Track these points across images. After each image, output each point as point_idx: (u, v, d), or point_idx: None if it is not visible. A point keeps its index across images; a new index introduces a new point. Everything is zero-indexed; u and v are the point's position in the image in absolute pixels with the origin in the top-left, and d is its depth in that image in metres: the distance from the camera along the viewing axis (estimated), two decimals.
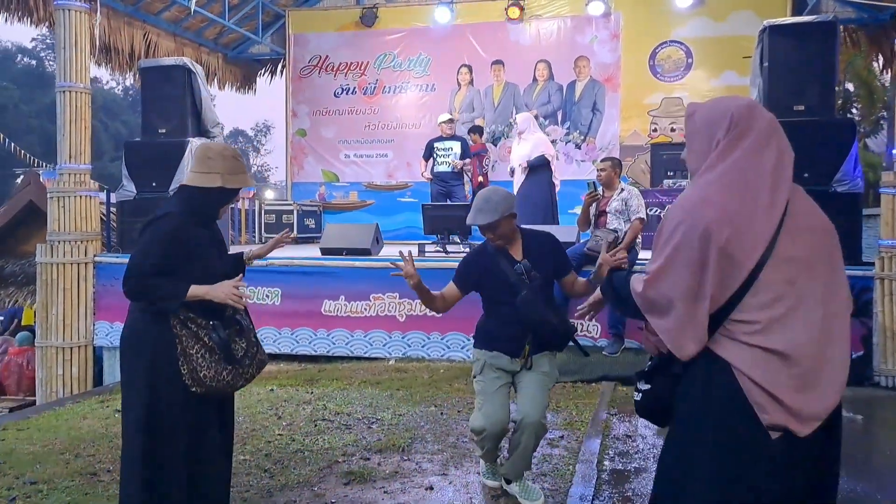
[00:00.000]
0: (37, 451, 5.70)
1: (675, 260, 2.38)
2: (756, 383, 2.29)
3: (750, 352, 2.32)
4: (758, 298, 2.31)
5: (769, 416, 2.28)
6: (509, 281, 4.30)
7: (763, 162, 2.39)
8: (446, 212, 9.90)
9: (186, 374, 3.53)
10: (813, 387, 2.30)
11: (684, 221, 2.38)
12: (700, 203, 2.38)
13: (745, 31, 12.42)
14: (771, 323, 2.30)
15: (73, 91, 9.42)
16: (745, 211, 2.34)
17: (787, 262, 2.33)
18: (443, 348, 8.41)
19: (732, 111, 2.44)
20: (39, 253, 9.35)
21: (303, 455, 5.37)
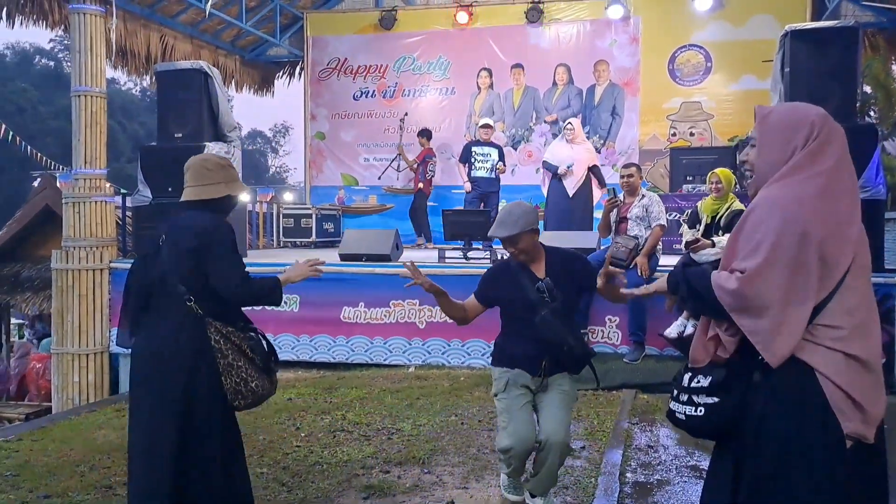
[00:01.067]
0: (51, 462, 5.61)
1: (774, 260, 2.34)
2: (841, 389, 2.31)
3: (835, 357, 2.33)
4: (843, 302, 2.35)
5: (851, 423, 2.32)
6: (529, 299, 4.21)
7: (846, 171, 2.49)
8: (467, 217, 9.79)
9: (230, 387, 3.53)
10: (879, 393, 2.39)
11: (779, 220, 2.37)
12: (795, 203, 2.38)
13: (765, 36, 12.33)
14: (854, 329, 2.34)
15: (88, 95, 9.38)
16: (838, 216, 2.39)
17: (862, 268, 2.42)
18: (463, 355, 8.31)
19: (813, 119, 2.48)
20: (55, 259, 9.31)
21: (321, 468, 5.27)
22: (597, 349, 7.85)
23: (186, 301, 3.49)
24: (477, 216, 9.67)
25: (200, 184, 3.63)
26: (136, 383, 3.64)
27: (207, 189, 3.62)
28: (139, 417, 3.60)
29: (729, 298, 2.40)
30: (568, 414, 4.32)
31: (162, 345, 3.51)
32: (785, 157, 2.48)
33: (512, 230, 4.19)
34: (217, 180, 3.65)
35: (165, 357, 3.50)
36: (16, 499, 4.88)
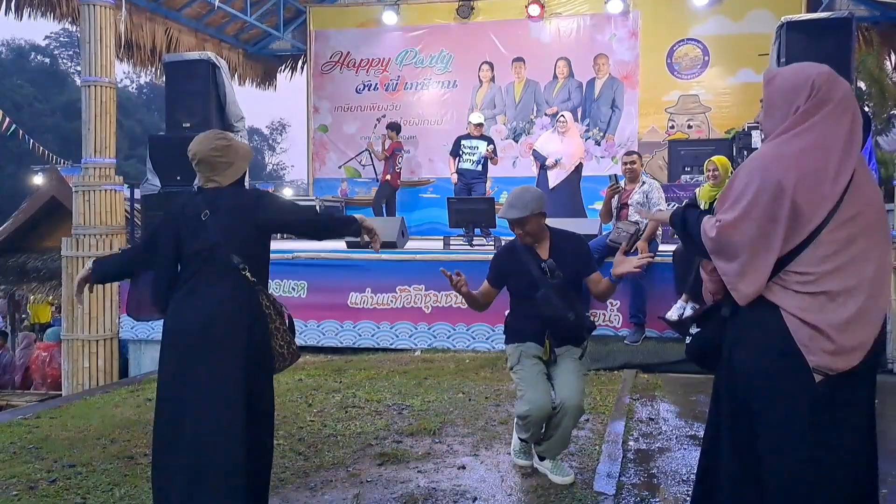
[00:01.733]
0: (72, 436, 5.78)
1: (748, 212, 2.53)
2: (804, 322, 2.47)
3: (801, 297, 2.50)
4: (816, 252, 2.48)
5: (815, 357, 2.46)
6: (532, 277, 4.45)
7: (839, 129, 2.54)
8: (471, 205, 9.96)
9: (276, 350, 3.71)
10: (856, 325, 2.46)
11: (760, 176, 2.54)
12: (775, 159, 2.55)
13: (762, 30, 12.50)
14: (824, 275, 2.48)
15: (98, 85, 9.53)
16: (817, 172, 2.49)
17: (847, 222, 2.48)
18: (468, 339, 8.47)
19: (814, 78, 2.57)
20: (65, 247, 9.45)
21: (335, 439, 5.44)
22: (598, 332, 8.01)
23: (241, 270, 3.58)
24: (481, 203, 9.84)
25: (222, 172, 3.71)
26: (182, 353, 3.57)
27: (228, 174, 3.73)
28: (195, 386, 3.53)
29: (709, 243, 2.67)
30: (581, 381, 4.52)
31: (219, 311, 3.57)
32: (787, 117, 2.61)
33: (522, 212, 4.40)
34: (232, 159, 3.74)
35: (225, 321, 3.56)
36: (42, 468, 5.04)
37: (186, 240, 3.65)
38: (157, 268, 3.75)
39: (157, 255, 3.75)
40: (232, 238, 3.60)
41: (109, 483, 4.72)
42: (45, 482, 4.77)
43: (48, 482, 4.77)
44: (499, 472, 4.71)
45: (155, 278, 3.76)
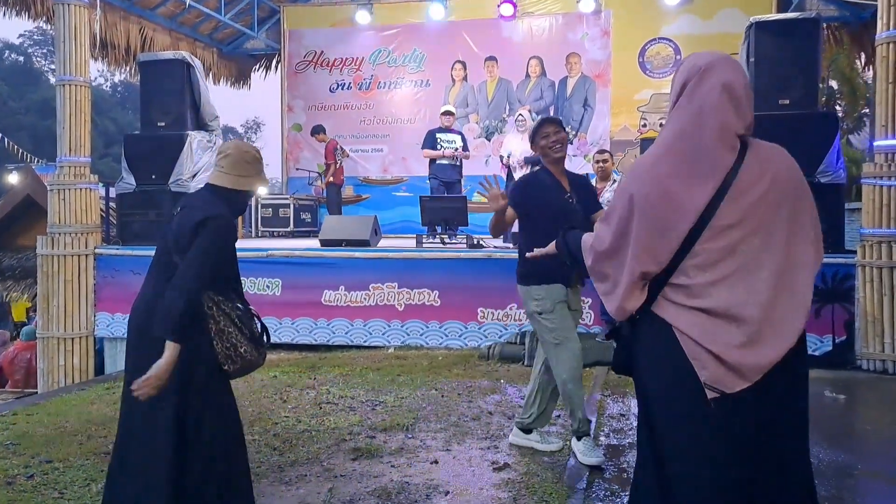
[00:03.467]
0: (49, 433, 5.83)
1: (610, 226, 2.43)
2: (695, 341, 2.29)
3: (688, 313, 2.32)
4: (694, 262, 2.30)
5: (707, 371, 2.27)
6: (562, 204, 4.62)
7: (708, 125, 2.32)
8: (444, 203, 10.06)
9: (221, 352, 3.59)
10: (755, 343, 2.25)
11: (622, 187, 2.45)
12: (638, 168, 2.43)
13: (732, 29, 12.64)
14: (706, 286, 2.29)
15: (73, 84, 9.54)
16: (680, 178, 2.31)
17: (728, 228, 2.29)
18: (441, 336, 8.58)
19: (688, 70, 2.40)
20: (40, 245, 9.47)
21: (310, 434, 5.53)
22: None
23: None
24: (454, 202, 9.95)
25: (235, 173, 3.71)
26: (129, 351, 3.72)
27: (239, 180, 3.73)
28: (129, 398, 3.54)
29: (587, 268, 2.60)
30: None
31: (145, 310, 3.59)
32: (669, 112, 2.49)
33: (558, 118, 4.98)
34: (249, 173, 3.75)
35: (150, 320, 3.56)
36: (19, 464, 5.10)
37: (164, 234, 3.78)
38: None
39: None
40: (179, 239, 3.59)
41: (86, 479, 4.78)
42: (23, 478, 4.83)
43: (25, 478, 4.83)
44: (471, 466, 4.82)
45: None
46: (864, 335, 7.70)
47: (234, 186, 3.74)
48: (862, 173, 8.12)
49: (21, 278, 12.63)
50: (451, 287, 8.60)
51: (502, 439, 5.35)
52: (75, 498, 4.50)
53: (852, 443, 5.46)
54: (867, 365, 7.71)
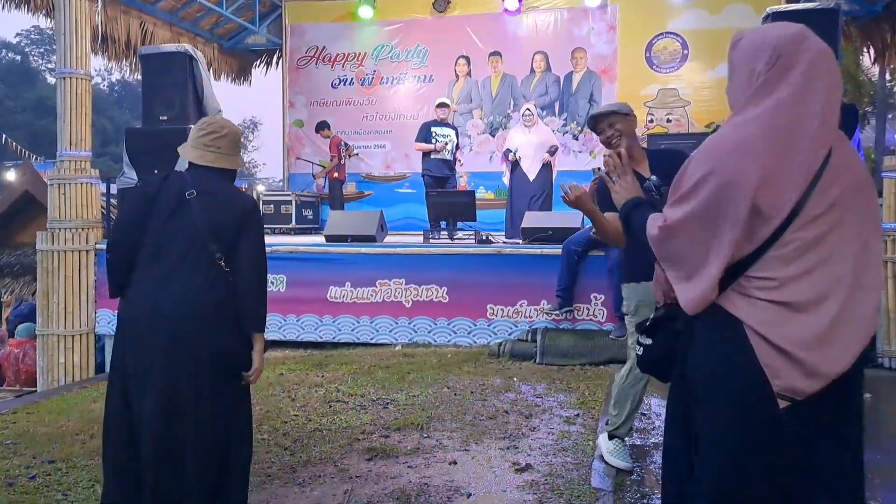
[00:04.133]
0: (50, 432, 5.66)
1: (699, 213, 2.16)
2: (770, 343, 2.10)
3: (765, 309, 2.12)
4: (780, 254, 2.11)
5: (781, 380, 2.09)
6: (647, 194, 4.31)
7: (809, 104, 2.14)
8: (451, 198, 9.89)
9: None
10: (833, 344, 2.09)
11: (715, 171, 2.14)
12: (733, 150, 2.14)
13: (741, 23, 12.50)
14: (790, 280, 2.10)
15: (73, 77, 9.34)
16: (782, 161, 2.10)
17: (818, 219, 2.11)
18: (449, 333, 8.39)
19: (776, 41, 2.18)
20: (40, 240, 9.28)
21: (321, 434, 5.35)
22: (582, 327, 8.03)
23: (218, 260, 3.45)
24: (461, 196, 9.78)
25: (234, 153, 3.66)
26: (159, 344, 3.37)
27: (236, 160, 3.67)
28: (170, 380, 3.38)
29: (654, 246, 2.34)
30: None
31: (203, 300, 3.42)
32: (748, 88, 2.22)
33: (608, 109, 4.42)
34: (238, 152, 3.72)
35: (211, 311, 3.43)
36: (20, 464, 4.93)
37: (160, 216, 3.49)
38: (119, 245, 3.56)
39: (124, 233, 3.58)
40: (214, 223, 3.47)
41: (90, 479, 4.60)
42: (25, 478, 4.66)
43: (27, 478, 4.66)
44: (491, 467, 4.64)
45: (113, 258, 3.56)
46: (886, 333, 7.52)
47: (233, 167, 3.67)
48: (883, 167, 7.95)
49: (20, 275, 12.43)
50: (460, 283, 8.41)
51: (521, 439, 5.18)
52: (80, 500, 4.34)
53: (881, 441, 5.29)
54: (889, 363, 7.54)
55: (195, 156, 3.59)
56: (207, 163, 3.57)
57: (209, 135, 3.59)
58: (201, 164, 3.58)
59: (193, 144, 3.60)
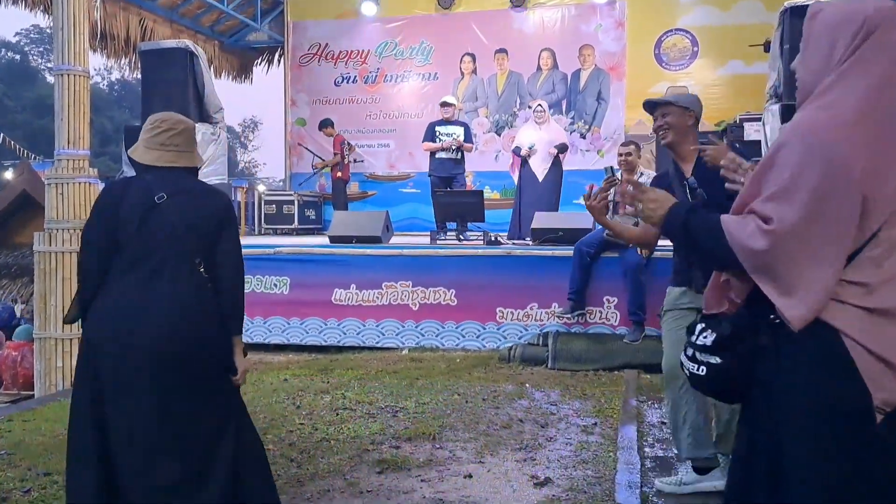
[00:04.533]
0: (46, 441, 5.42)
1: (810, 210, 1.82)
2: (872, 353, 1.84)
3: (862, 316, 1.86)
4: (872, 254, 1.86)
5: (884, 393, 1.84)
6: (684, 196, 4.06)
7: None
8: (459, 198, 9.67)
9: None
10: None
11: (817, 158, 1.84)
12: (834, 132, 1.85)
13: (751, 20, 12.47)
14: (882, 284, 1.86)
15: (71, 74, 9.06)
16: (886, 146, 1.85)
17: None
18: (458, 337, 8.17)
19: (868, 13, 1.92)
20: (37, 241, 9.02)
21: (329, 444, 5.12)
22: (595, 330, 7.82)
23: (197, 265, 3.22)
24: (469, 196, 9.55)
25: (192, 150, 3.37)
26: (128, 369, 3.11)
27: (195, 157, 3.39)
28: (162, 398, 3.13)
29: (754, 259, 1.92)
30: None
31: (190, 310, 3.19)
32: (829, 65, 1.95)
33: (664, 98, 4.15)
34: (195, 148, 3.43)
35: (200, 320, 3.20)
36: (15, 476, 4.68)
37: (128, 225, 3.15)
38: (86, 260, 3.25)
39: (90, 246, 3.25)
40: (192, 226, 3.21)
41: None
42: (19, 492, 4.43)
43: (22, 492, 4.43)
44: (509, 481, 4.41)
45: (83, 271, 3.25)
46: None
47: (194, 164, 3.40)
48: None
49: (17, 276, 12.19)
50: (469, 286, 8.19)
51: (538, 450, 4.95)
52: None
53: None
54: None
55: (152, 157, 3.26)
56: (167, 163, 3.27)
57: (164, 133, 3.28)
58: (161, 166, 3.27)
59: (147, 145, 3.28)
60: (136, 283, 3.15)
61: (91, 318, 3.20)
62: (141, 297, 3.13)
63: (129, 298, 3.14)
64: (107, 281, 3.17)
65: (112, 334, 3.12)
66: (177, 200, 3.21)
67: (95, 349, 3.16)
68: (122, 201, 3.20)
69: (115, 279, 3.17)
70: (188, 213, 3.22)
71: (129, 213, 3.16)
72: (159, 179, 3.23)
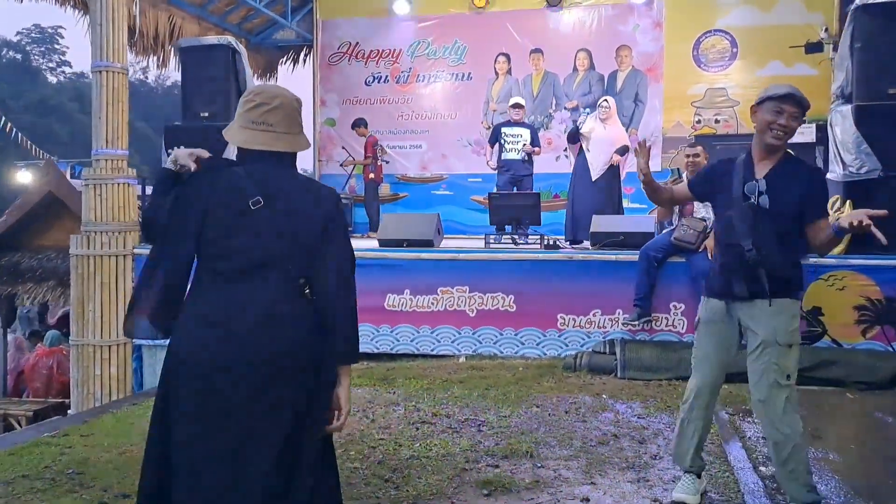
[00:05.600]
0: (115, 459, 5.07)
1: None
2: None
3: None
4: None
5: None
6: (731, 196, 3.77)
7: None
8: (516, 201, 9.34)
9: None
10: None
11: None
12: None
13: (792, 21, 12.26)
14: None
15: (110, 71, 8.77)
16: None
17: None
18: (516, 345, 7.84)
19: None
20: (74, 245, 8.70)
21: (420, 462, 4.79)
22: (661, 338, 7.52)
23: (301, 286, 2.78)
24: (526, 199, 9.23)
25: (293, 131, 2.86)
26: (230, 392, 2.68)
27: (297, 140, 2.88)
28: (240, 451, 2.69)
29: None
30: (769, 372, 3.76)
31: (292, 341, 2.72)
32: None
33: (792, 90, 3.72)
34: (299, 129, 2.93)
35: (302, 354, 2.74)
36: (90, 499, 4.36)
37: (217, 232, 2.73)
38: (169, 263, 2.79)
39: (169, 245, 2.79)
40: (292, 236, 2.75)
41: None
42: None
43: None
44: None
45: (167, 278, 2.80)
46: None
47: (293, 149, 2.88)
48: None
49: (42, 280, 11.81)
50: (528, 291, 7.86)
51: (647, 469, 4.64)
52: None
53: None
54: None
55: (242, 138, 2.80)
56: (260, 146, 2.79)
57: (257, 108, 2.80)
58: (255, 150, 2.81)
59: (241, 123, 2.81)
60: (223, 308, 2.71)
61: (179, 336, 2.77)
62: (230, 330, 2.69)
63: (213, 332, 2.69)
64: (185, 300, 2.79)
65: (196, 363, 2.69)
66: (274, 205, 2.74)
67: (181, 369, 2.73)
68: (210, 201, 2.75)
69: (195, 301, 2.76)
70: (287, 222, 2.75)
71: (218, 219, 2.74)
72: (254, 174, 2.77)
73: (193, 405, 2.68)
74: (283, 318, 2.71)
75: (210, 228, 2.72)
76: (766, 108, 3.75)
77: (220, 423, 2.67)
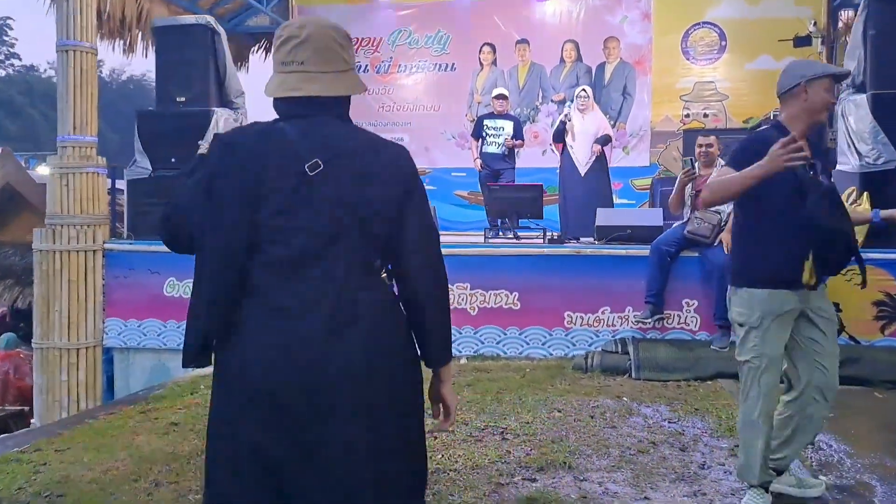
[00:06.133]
0: (99, 477, 4.42)
1: None
2: None
3: None
4: None
5: None
6: (797, 179, 3.34)
7: None
8: (515, 193, 8.82)
9: None
10: None
11: None
12: None
13: (781, 14, 12.05)
14: None
15: (77, 50, 8.11)
16: None
17: None
18: (521, 344, 7.35)
19: None
20: (37, 239, 8.05)
21: (448, 476, 4.26)
22: (673, 336, 7.10)
23: (377, 266, 2.23)
24: (527, 191, 8.73)
25: (332, 69, 2.18)
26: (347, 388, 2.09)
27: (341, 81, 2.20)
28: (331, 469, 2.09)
29: None
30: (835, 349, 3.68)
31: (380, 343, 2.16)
32: None
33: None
34: (341, 65, 2.21)
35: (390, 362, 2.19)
36: None
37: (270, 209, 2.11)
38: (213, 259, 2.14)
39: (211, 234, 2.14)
40: (361, 207, 2.14)
41: None
42: None
43: None
44: None
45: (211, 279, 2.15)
46: None
47: (337, 93, 2.20)
48: None
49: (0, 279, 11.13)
50: (533, 288, 7.38)
51: (699, 480, 4.17)
52: None
53: None
54: None
55: (273, 85, 2.19)
56: (288, 92, 2.16)
57: (284, 44, 2.17)
58: (291, 97, 2.17)
59: (275, 69, 2.20)
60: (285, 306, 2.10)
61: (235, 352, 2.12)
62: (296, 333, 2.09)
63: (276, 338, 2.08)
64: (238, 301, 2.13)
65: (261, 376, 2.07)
66: (337, 168, 2.12)
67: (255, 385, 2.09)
68: (257, 172, 2.09)
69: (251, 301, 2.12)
70: (355, 191, 2.13)
71: (271, 193, 2.10)
72: (305, 131, 2.14)
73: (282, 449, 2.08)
74: (365, 312, 2.14)
75: (263, 207, 2.10)
76: (823, 85, 3.49)
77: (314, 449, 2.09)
